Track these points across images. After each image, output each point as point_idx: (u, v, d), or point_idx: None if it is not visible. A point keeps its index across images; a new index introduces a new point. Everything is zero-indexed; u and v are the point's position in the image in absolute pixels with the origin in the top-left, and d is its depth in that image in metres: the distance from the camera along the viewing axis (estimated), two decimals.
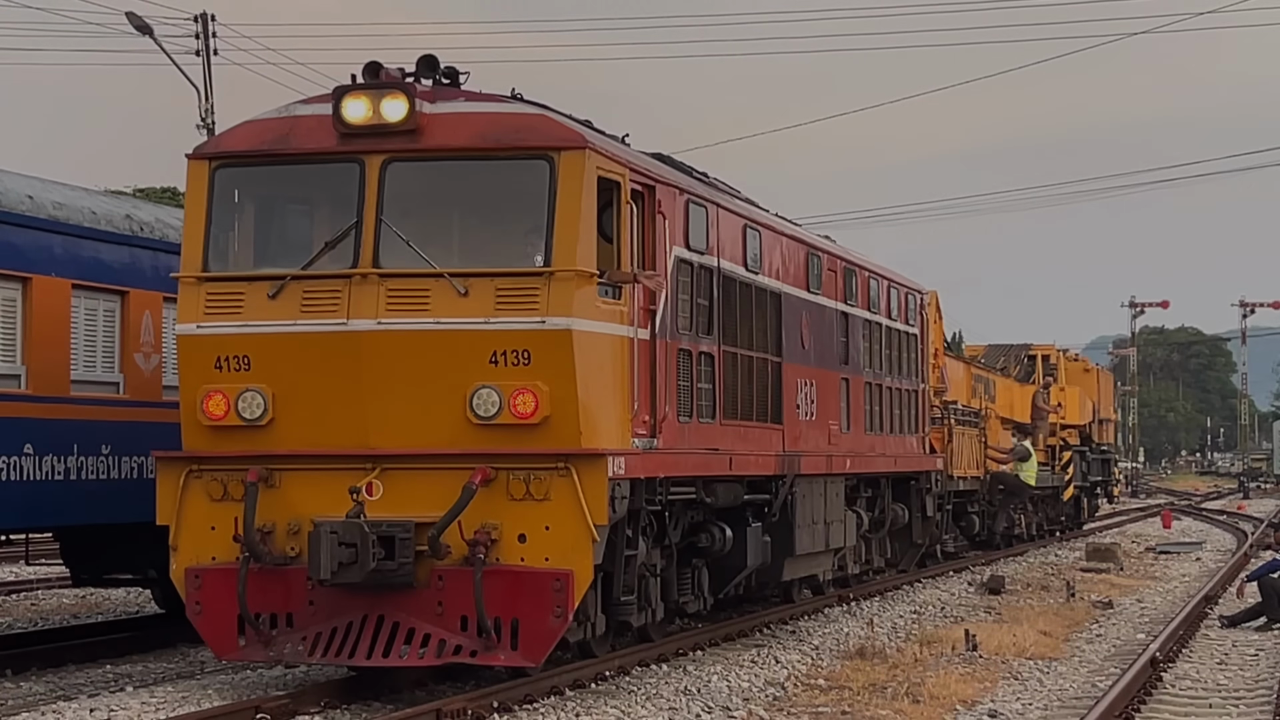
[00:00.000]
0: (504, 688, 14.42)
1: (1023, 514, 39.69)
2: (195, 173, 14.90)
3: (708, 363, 16.91)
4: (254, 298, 14.50)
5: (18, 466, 16.66)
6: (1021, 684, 16.82)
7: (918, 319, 26.90)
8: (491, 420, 14.08)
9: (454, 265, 14.37)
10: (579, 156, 14.35)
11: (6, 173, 17.53)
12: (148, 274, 18.26)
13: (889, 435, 24.50)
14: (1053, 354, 48.20)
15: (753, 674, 16.78)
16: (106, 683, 16.51)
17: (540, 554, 14.01)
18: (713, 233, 17.17)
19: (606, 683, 15.64)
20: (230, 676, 16.15)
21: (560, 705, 14.39)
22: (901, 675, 16.75)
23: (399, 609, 14.13)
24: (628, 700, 14.80)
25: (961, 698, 15.61)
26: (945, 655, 18.44)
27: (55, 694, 15.81)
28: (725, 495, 17.47)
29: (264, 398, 14.42)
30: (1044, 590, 27.60)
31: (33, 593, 25.86)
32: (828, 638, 20.05)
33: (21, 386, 16.92)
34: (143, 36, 37.20)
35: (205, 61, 40.23)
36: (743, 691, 15.70)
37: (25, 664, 17.40)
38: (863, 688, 15.95)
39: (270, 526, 14.37)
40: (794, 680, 16.55)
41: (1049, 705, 15.56)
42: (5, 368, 16.82)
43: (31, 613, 23.31)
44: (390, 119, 14.44)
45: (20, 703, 15.26)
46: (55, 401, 17.18)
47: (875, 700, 15.29)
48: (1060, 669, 18.00)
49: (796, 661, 17.81)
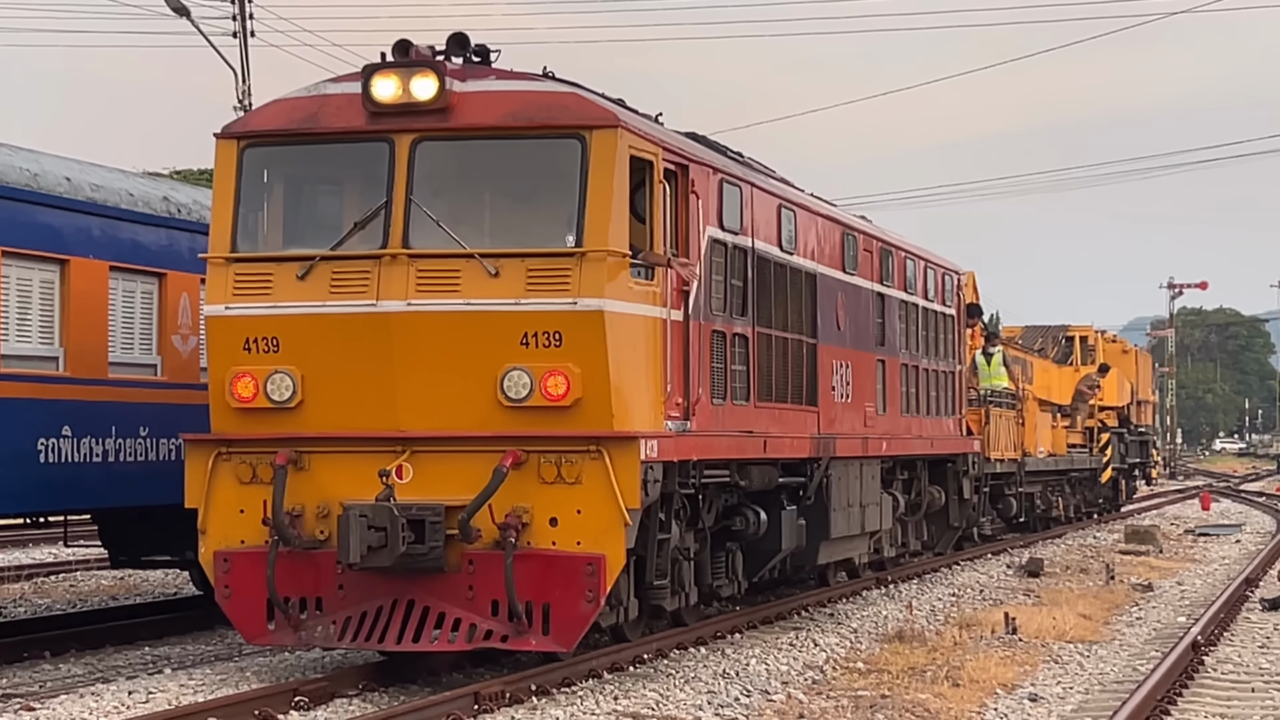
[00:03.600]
0: (541, 670, 14.31)
1: (1060, 496, 39.52)
2: (224, 152, 14.74)
3: (742, 344, 16.72)
4: (283, 278, 14.35)
5: (56, 448, 16.65)
6: (1061, 667, 16.69)
7: (954, 300, 26.64)
8: (522, 402, 13.91)
9: (484, 245, 14.19)
10: (611, 135, 14.16)
11: (45, 155, 17.54)
12: (185, 256, 18.25)
13: (925, 417, 24.27)
14: (1091, 335, 47.72)
15: (791, 657, 16.69)
16: (145, 665, 16.45)
17: (572, 538, 13.85)
18: (747, 212, 16.96)
19: (644, 665, 15.56)
20: (268, 658, 16.10)
21: (598, 688, 14.30)
22: (940, 658, 16.64)
23: (429, 593, 13.98)
24: (665, 683, 14.71)
25: (1001, 681, 15.48)
26: (984, 638, 18.29)
27: (94, 676, 15.75)
28: (759, 478, 17.28)
29: (293, 380, 14.28)
30: (1083, 573, 27.51)
31: (71, 574, 25.89)
32: (866, 621, 19.97)
33: (60, 368, 16.92)
34: (180, 19, 37.12)
35: (242, 43, 40.15)
36: (781, 675, 15.60)
37: (64, 645, 17.37)
38: (901, 671, 15.84)
39: (299, 509, 14.23)
40: (832, 664, 16.47)
41: (1089, 689, 15.41)
42: (44, 349, 16.85)
43: (70, 594, 23.27)
44: (420, 97, 14.26)
45: (59, 684, 15.21)
46: (93, 384, 17.16)
47: (914, 684, 15.15)
48: (1100, 652, 17.86)
49: (835, 645, 17.73)
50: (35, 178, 16.68)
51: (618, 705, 13.63)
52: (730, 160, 17.33)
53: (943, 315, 25.64)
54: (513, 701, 13.46)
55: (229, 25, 40.30)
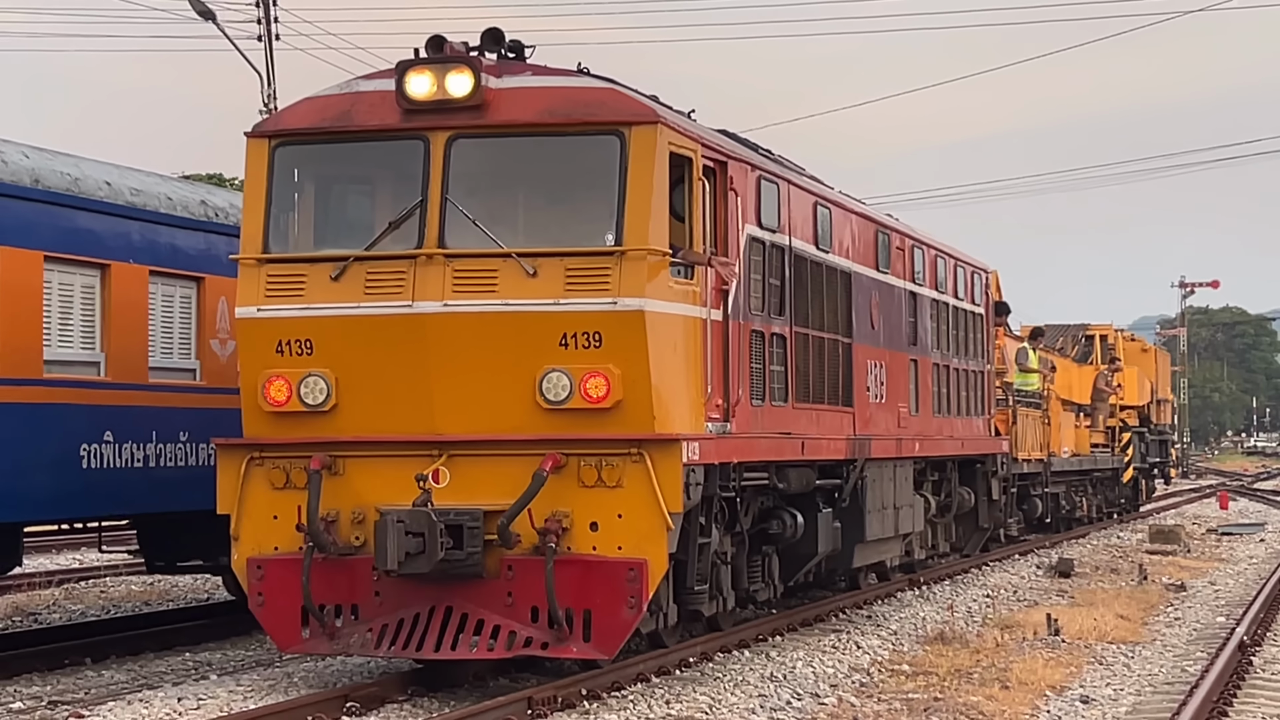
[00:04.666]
0: (590, 675, 14.10)
1: (1084, 496, 39.25)
2: (255, 151, 14.45)
3: (780, 344, 16.43)
4: (316, 279, 14.05)
5: (98, 454, 16.55)
6: (1108, 668, 16.62)
7: (983, 298, 26.37)
8: (562, 405, 13.62)
9: (522, 245, 13.90)
10: (651, 131, 13.86)
11: (85, 159, 17.46)
12: (223, 260, 18.18)
13: (956, 417, 24.00)
14: (1110, 334, 47.36)
15: (835, 660, 16.57)
16: (188, 670, 16.29)
17: (613, 543, 13.56)
18: (784, 210, 16.67)
19: (690, 669, 15.41)
20: (313, 664, 15.94)
21: (648, 692, 14.18)
22: (985, 660, 16.59)
23: (468, 600, 13.71)
24: (714, 687, 14.55)
25: (1050, 683, 15.39)
26: (1027, 640, 18.24)
27: (138, 682, 15.61)
28: (797, 480, 17.01)
29: (327, 383, 13.99)
30: (1113, 573, 27.47)
31: (101, 579, 25.77)
32: (905, 623, 19.84)
33: (101, 374, 16.83)
34: (205, 22, 37.02)
35: (267, 46, 40.12)
36: (828, 678, 15.47)
37: (104, 652, 17.26)
38: (948, 673, 15.74)
39: (334, 515, 13.95)
40: (878, 666, 16.36)
41: (1141, 690, 15.33)
42: (85, 355, 16.74)
43: (102, 600, 23.11)
44: (455, 94, 13.96)
45: (104, 691, 15.05)
46: (133, 388, 17.05)
47: (964, 686, 15.03)
48: (1144, 653, 17.80)
49: (878, 647, 17.61)
50: (76, 182, 16.66)
51: (670, 710, 13.51)
52: (765, 158, 17.05)
53: (972, 314, 25.38)
54: (565, 706, 13.32)
55: (254, 29, 40.29)
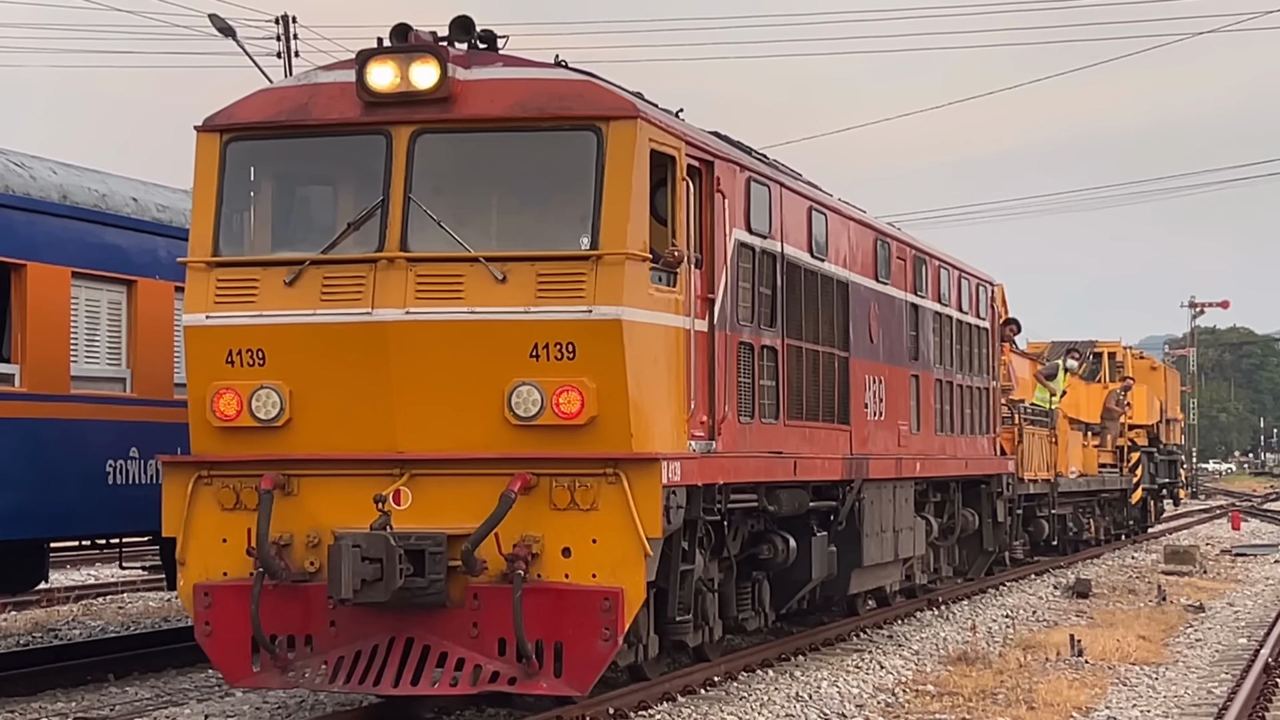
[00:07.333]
0: (620, 694, 13.87)
1: (1092, 518, 38.40)
2: (205, 146, 13.49)
3: (770, 357, 15.47)
4: (269, 285, 13.10)
5: (124, 470, 16.65)
6: (1132, 690, 16.46)
7: (988, 312, 25.48)
8: (532, 421, 12.65)
9: (491, 248, 12.96)
10: (630, 127, 12.90)
11: (112, 176, 17.47)
12: None
13: (960, 436, 23.07)
14: (1119, 351, 46.95)
15: (859, 680, 16.41)
16: (211, 687, 15.98)
17: (587, 570, 12.60)
18: (776, 214, 15.72)
19: (715, 688, 15.20)
20: None
21: (675, 712, 13.96)
22: (1009, 681, 16.42)
23: (430, 631, 12.74)
24: (741, 706, 14.35)
25: (1075, 704, 15.20)
26: (1050, 660, 18.12)
27: (162, 699, 15.42)
28: (789, 502, 16.02)
29: (280, 396, 13.04)
30: (1131, 594, 27.37)
31: (119, 595, 25.71)
32: (926, 643, 19.63)
33: (127, 390, 16.91)
34: (226, 39, 37.01)
35: (286, 63, 40.76)
36: (854, 698, 15.35)
37: (126, 668, 17.26)
38: (973, 694, 15.69)
39: (287, 539, 13.00)
40: (902, 686, 16.25)
41: (1168, 712, 15.12)
42: (111, 371, 16.84)
43: (121, 616, 22.95)
44: (420, 86, 13.00)
45: (129, 708, 14.91)
46: (159, 404, 16.95)
47: (991, 707, 14.88)
48: (1169, 674, 17.63)
49: (900, 667, 17.46)
50: (103, 198, 16.77)
51: None
52: (757, 159, 16.10)
53: (977, 328, 24.50)
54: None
55: (273, 46, 41.20)
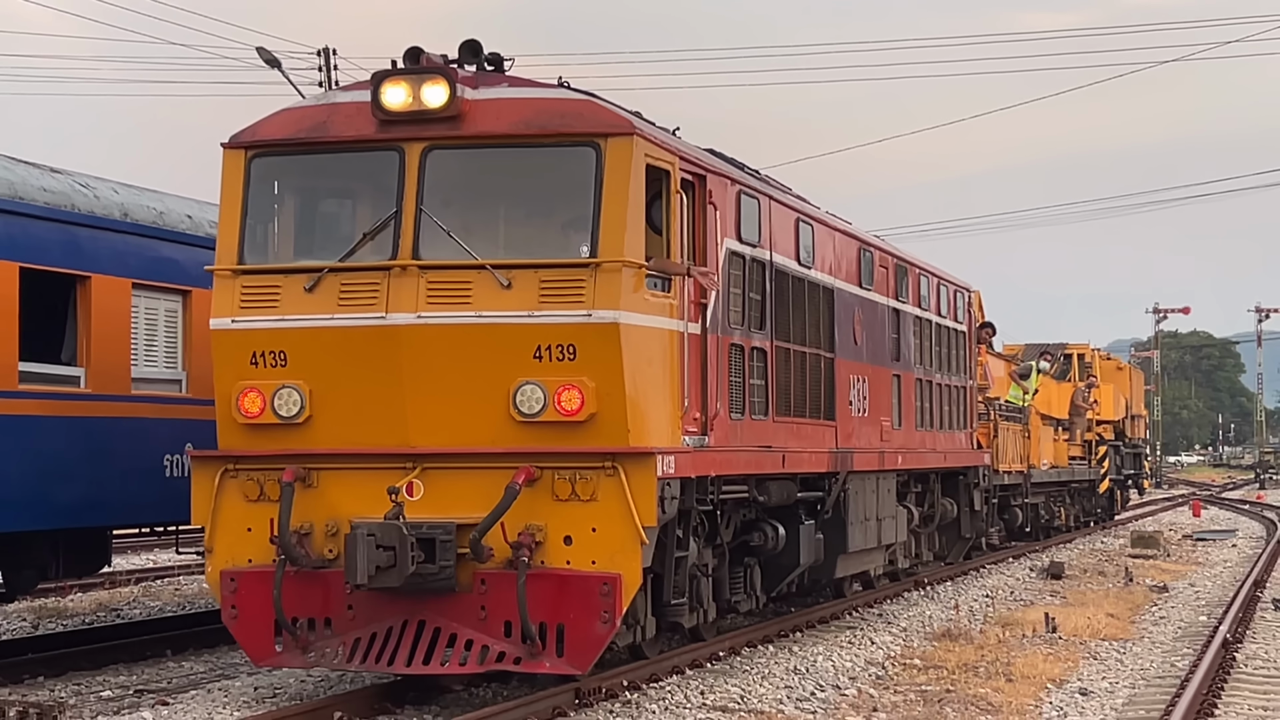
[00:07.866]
0: (632, 668, 14.75)
1: (1063, 506, 40.01)
2: (231, 162, 14.40)
3: (760, 358, 16.37)
4: (290, 291, 13.99)
5: (180, 464, 18.02)
6: (1102, 663, 17.52)
7: (966, 316, 26.52)
8: (535, 417, 13.53)
9: (496, 256, 13.82)
10: (627, 143, 13.80)
11: (169, 195, 19.00)
12: None
13: (939, 431, 24.03)
14: (1088, 353, 49.52)
15: (853, 655, 17.45)
16: None
17: (587, 557, 13.46)
18: (765, 225, 16.62)
19: (720, 662, 16.21)
20: None
21: (684, 684, 14.79)
22: (989, 655, 17.49)
23: (440, 614, 13.61)
24: (744, 679, 15.30)
25: (1050, 676, 16.34)
26: (1026, 636, 19.31)
27: (215, 673, 16.59)
28: (778, 493, 16.95)
29: (301, 395, 13.93)
30: (1100, 575, 28.72)
31: (175, 579, 27.25)
32: (913, 621, 20.77)
33: (183, 390, 18.46)
34: (271, 70, 38.35)
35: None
36: (848, 671, 16.34)
37: (183, 645, 18.56)
38: (957, 667, 16.62)
39: (308, 528, 13.88)
40: (892, 660, 17.24)
41: (1134, 684, 16.11)
42: (168, 373, 18.39)
43: (178, 597, 24.24)
44: (431, 105, 13.90)
45: (185, 680, 16.16)
46: (212, 404, 17.86)
47: (972, 679, 15.88)
48: (1135, 649, 18.76)
49: (890, 643, 18.63)
50: (161, 215, 18.34)
51: (706, 700, 14.22)
52: (749, 174, 17.01)
53: (955, 331, 25.50)
54: (609, 696, 13.84)
55: (315, 76, 43.30)
